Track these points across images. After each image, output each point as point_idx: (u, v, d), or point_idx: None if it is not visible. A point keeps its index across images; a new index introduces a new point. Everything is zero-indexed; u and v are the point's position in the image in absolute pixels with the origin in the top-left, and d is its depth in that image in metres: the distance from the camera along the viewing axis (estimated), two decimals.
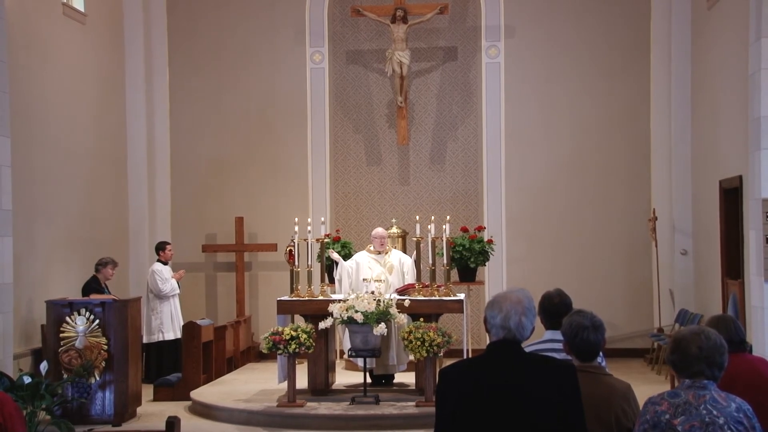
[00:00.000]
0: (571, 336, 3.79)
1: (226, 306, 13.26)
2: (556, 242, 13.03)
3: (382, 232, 10.05)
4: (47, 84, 10.69)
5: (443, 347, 8.44)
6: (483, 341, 12.59)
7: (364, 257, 9.93)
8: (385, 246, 9.99)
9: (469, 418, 3.11)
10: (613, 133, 13.07)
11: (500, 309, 3.20)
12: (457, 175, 13.29)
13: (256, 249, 13.17)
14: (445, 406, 3.18)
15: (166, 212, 13.35)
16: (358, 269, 9.82)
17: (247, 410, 8.82)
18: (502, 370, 3.15)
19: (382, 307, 8.53)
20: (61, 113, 10.98)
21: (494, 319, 3.20)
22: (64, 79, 11.11)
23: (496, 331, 3.21)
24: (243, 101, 13.39)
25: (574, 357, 3.81)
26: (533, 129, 13.15)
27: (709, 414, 3.19)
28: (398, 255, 10.06)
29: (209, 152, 13.41)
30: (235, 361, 11.97)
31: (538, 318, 3.64)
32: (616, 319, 12.56)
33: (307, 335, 8.55)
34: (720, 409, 3.21)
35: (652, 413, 3.28)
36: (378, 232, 10.02)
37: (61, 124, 10.98)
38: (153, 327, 11.35)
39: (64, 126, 11.06)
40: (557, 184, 13.09)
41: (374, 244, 9.98)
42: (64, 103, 11.08)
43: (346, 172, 13.42)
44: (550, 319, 4.38)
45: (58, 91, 10.96)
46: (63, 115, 11.04)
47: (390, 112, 13.31)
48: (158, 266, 11.47)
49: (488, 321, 3.24)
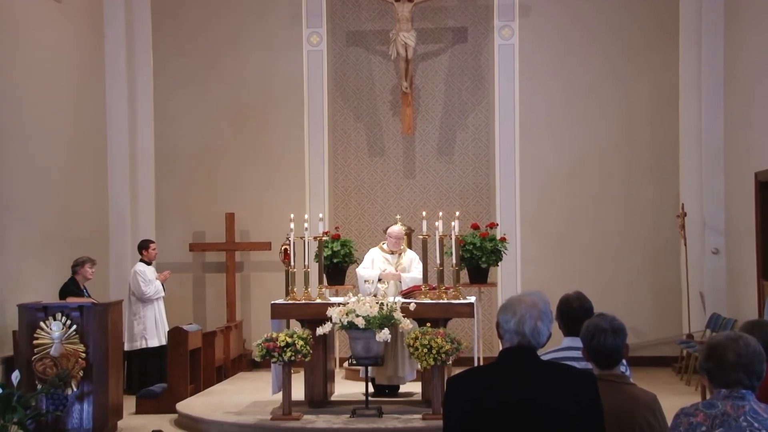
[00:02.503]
0: (588, 339, 3.78)
1: (216, 310, 13.26)
2: (576, 241, 13.00)
3: (399, 232, 10.18)
4: (19, 69, 10.67)
5: (452, 355, 8.43)
6: (495, 348, 12.55)
7: (378, 255, 10.01)
8: (400, 246, 10.05)
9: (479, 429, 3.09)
10: (638, 121, 13.03)
11: (514, 313, 3.19)
12: (467, 168, 13.26)
13: (248, 248, 13.16)
14: (453, 418, 3.16)
15: (150, 208, 13.35)
16: (373, 266, 9.92)
17: (238, 424, 8.81)
18: (516, 379, 3.13)
19: (385, 311, 8.51)
20: (34, 100, 10.96)
21: (507, 323, 3.19)
22: (37, 64, 11.09)
23: (509, 336, 3.19)
24: (234, 87, 13.37)
25: (593, 364, 3.79)
26: (550, 117, 13.11)
27: (750, 426, 3.17)
28: (411, 255, 10.16)
29: (197, 143, 13.39)
30: (225, 370, 11.98)
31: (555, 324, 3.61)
32: (641, 324, 12.53)
33: (304, 342, 8.54)
34: (761, 421, 3.19)
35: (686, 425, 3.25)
36: (395, 231, 10.17)
37: (34, 113, 10.97)
38: (135, 333, 11.35)
39: (38, 114, 11.04)
40: (577, 178, 13.05)
41: (389, 243, 10.12)
42: (37, 89, 11.06)
43: (346, 164, 13.40)
44: (569, 324, 4.37)
45: (31, 77, 10.94)
46: (37, 103, 11.02)
47: (394, 99, 13.28)
48: (141, 267, 11.47)
49: (501, 326, 3.22)
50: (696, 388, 10.73)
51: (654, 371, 11.95)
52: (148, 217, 13.30)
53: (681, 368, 11.95)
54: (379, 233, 11.95)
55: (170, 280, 11.97)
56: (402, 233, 10.20)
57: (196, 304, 13.40)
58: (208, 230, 13.36)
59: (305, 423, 8.55)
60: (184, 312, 12.98)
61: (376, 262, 9.98)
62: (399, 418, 8.68)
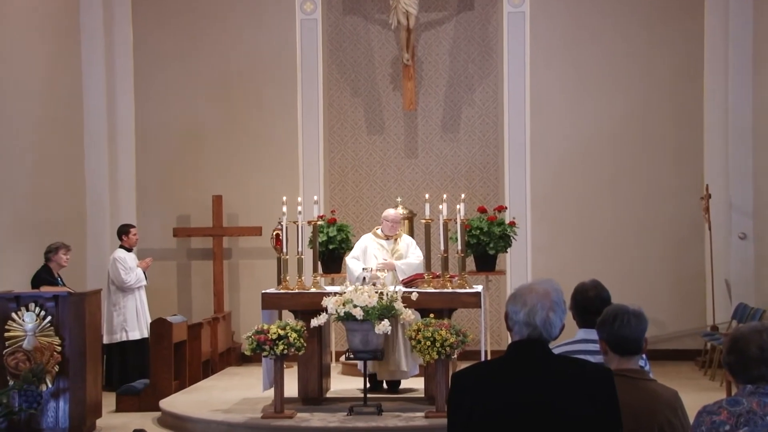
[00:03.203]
0: (609, 322, 3.77)
1: (202, 300, 13.27)
2: (591, 225, 12.99)
3: (396, 215, 10.12)
4: None
5: (457, 348, 8.44)
6: (504, 341, 12.56)
7: (371, 242, 9.96)
8: (396, 230, 10.01)
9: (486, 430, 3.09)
10: (659, 95, 12.99)
11: (524, 303, 3.19)
12: (474, 146, 13.24)
13: (237, 233, 13.16)
14: (458, 416, 3.16)
15: (130, 190, 13.34)
16: (365, 257, 9.84)
17: (226, 422, 8.83)
18: (526, 374, 3.13)
19: (385, 302, 8.51)
20: (3, 74, 10.93)
21: (517, 314, 3.19)
22: (6, 35, 11.04)
23: (519, 328, 3.20)
24: (221, 60, 13.33)
25: (611, 353, 3.79)
26: (564, 91, 13.07)
27: None
28: (407, 240, 10.11)
29: (181, 120, 13.36)
30: (212, 365, 12.01)
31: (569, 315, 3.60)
32: (662, 315, 12.55)
33: (298, 334, 8.55)
34: None
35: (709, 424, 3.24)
36: (390, 214, 10.09)
37: (3, 88, 10.93)
38: (115, 325, 11.37)
39: (7, 90, 11.01)
40: (592, 157, 13.03)
41: (384, 227, 10.04)
42: (7, 62, 11.02)
43: (342, 142, 13.38)
44: (584, 315, 4.39)
45: (0, 49, 10.90)
46: (6, 78, 10.98)
47: (394, 72, 13.25)
48: (121, 253, 11.47)
49: (510, 317, 3.23)
50: (721, 384, 10.74)
51: (676, 366, 11.96)
52: (128, 199, 13.29)
53: (705, 362, 11.97)
54: (379, 217, 11.94)
55: (153, 267, 11.97)
56: (399, 216, 10.18)
57: (180, 293, 13.41)
58: (193, 214, 13.35)
59: (299, 421, 8.56)
60: (167, 302, 12.98)
61: (370, 249, 9.91)
62: (400, 416, 8.69)
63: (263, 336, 8.54)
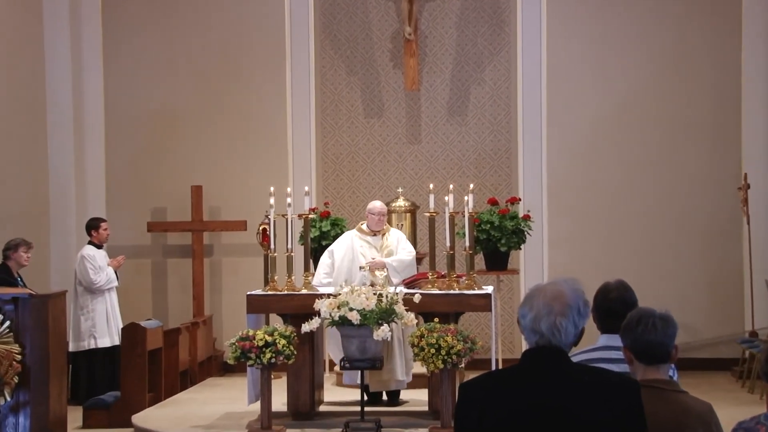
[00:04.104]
0: (632, 326, 3.78)
1: (180, 303, 13.28)
2: (615, 219, 12.99)
3: (382, 207, 10.10)
4: None
5: (465, 356, 8.45)
6: (518, 348, 12.57)
7: (356, 239, 9.93)
8: (383, 225, 10.00)
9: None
10: (691, 73, 12.98)
11: (531, 306, 3.22)
12: (484, 130, 13.24)
13: (219, 228, 13.18)
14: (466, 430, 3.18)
15: (100, 179, 13.33)
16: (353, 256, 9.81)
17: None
18: (540, 386, 3.14)
19: (384, 304, 8.52)
20: None
21: (524, 319, 3.23)
22: None
23: (527, 335, 3.24)
24: (201, 34, 13.32)
25: (636, 362, 3.79)
26: (585, 68, 13.06)
27: None
28: (396, 235, 10.12)
29: (156, 101, 13.36)
30: (191, 376, 12.03)
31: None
32: (694, 320, 12.55)
33: (287, 341, 8.56)
34: None
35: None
36: (376, 206, 10.06)
37: None
38: (83, 331, 11.37)
39: None
40: (616, 142, 13.02)
41: (370, 222, 10.01)
42: None
43: (337, 127, 13.38)
44: (606, 319, 4.41)
45: None
46: None
47: (395, 48, 13.24)
48: (90, 250, 11.48)
49: (519, 321, 3.27)
50: (761, 397, 10.76)
51: (709, 376, 11.98)
52: (97, 190, 13.28)
53: (742, 373, 11.98)
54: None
55: (125, 266, 11.98)
56: (385, 209, 10.17)
57: (155, 295, 13.42)
58: (170, 206, 13.35)
59: None
60: (141, 305, 12.99)
61: (356, 249, 9.88)
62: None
63: (248, 343, 8.55)
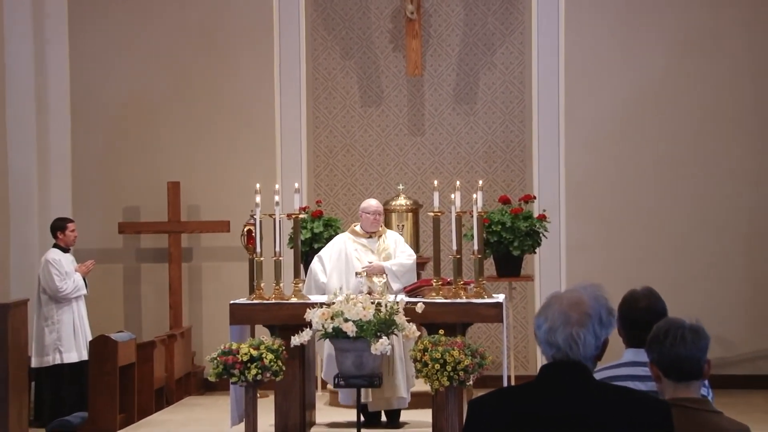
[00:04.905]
0: (660, 339, 3.78)
1: (155, 313, 13.28)
2: (640, 219, 12.98)
3: (377, 206, 10.08)
4: None
5: (473, 373, 8.45)
6: (532, 363, 12.57)
7: (349, 243, 9.92)
8: (379, 226, 9.99)
9: None
10: (729, 54, 12.96)
11: (546, 316, 3.23)
12: (495, 121, 13.24)
13: (198, 229, 13.18)
14: None
15: (65, 175, 13.32)
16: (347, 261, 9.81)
17: None
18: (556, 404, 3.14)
19: (384, 314, 8.52)
20: None
21: (539, 330, 3.26)
22: None
23: (543, 348, 3.26)
24: (179, 13, 13.32)
25: (663, 378, 3.80)
26: (608, 51, 13.04)
27: None
28: (394, 237, 10.14)
29: (128, 88, 13.35)
30: (167, 394, 12.03)
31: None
32: (731, 332, 12.54)
33: (275, 355, 8.56)
34: None
35: None
36: (371, 205, 10.04)
37: None
38: (47, 344, 11.34)
39: None
40: (643, 134, 13.01)
41: (364, 222, 10.00)
42: None
43: (330, 117, 13.38)
44: (632, 331, 4.42)
45: None
46: None
47: (395, 29, 13.24)
48: (55, 254, 11.48)
49: (536, 333, 3.29)
50: None
51: (748, 395, 11.96)
52: (62, 187, 13.27)
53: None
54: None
55: (94, 272, 11.97)
56: (381, 208, 10.15)
57: (128, 304, 13.42)
58: (143, 205, 13.34)
59: None
60: (112, 316, 12.99)
61: (350, 253, 9.86)
62: None
63: (231, 357, 8.54)
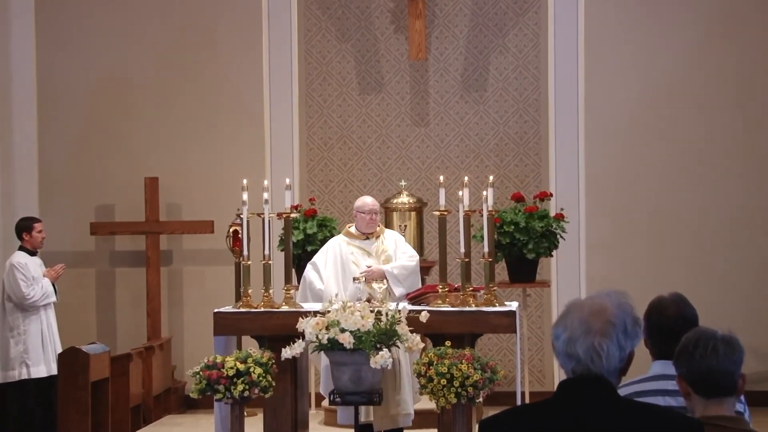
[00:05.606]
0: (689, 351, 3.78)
1: (131, 322, 13.28)
2: (669, 218, 12.98)
3: (373, 204, 10.06)
4: None
5: (483, 389, 8.46)
6: (549, 379, 12.56)
7: (344, 246, 9.91)
8: (376, 226, 9.97)
9: None
10: (764, 38, 12.97)
11: (565, 325, 3.24)
12: (507, 110, 13.25)
13: (179, 229, 13.19)
14: None
15: (31, 171, 13.32)
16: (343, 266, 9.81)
17: None
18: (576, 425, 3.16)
19: (384, 324, 8.52)
20: None
21: (557, 341, 3.27)
22: None
23: (562, 361, 3.28)
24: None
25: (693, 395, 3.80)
26: (633, 32, 13.05)
27: None
28: (393, 236, 10.12)
29: (102, 74, 13.35)
30: (144, 412, 12.06)
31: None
32: (766, 345, 12.54)
33: (264, 369, 8.56)
34: None
35: None
36: (366, 203, 10.00)
37: None
38: (13, 357, 11.40)
39: None
40: (670, 124, 13.02)
41: (359, 223, 9.98)
42: None
43: (325, 106, 13.38)
44: (661, 342, 4.41)
45: None
46: None
47: (397, 8, 13.25)
48: (21, 258, 11.51)
49: (554, 344, 3.31)
50: None
51: None
52: (28, 184, 13.27)
53: None
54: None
55: (64, 277, 11.97)
56: (377, 207, 10.13)
57: (101, 313, 13.42)
58: (118, 204, 13.35)
59: None
60: (83, 325, 13.00)
61: (345, 257, 9.84)
62: None
63: (216, 372, 8.55)
